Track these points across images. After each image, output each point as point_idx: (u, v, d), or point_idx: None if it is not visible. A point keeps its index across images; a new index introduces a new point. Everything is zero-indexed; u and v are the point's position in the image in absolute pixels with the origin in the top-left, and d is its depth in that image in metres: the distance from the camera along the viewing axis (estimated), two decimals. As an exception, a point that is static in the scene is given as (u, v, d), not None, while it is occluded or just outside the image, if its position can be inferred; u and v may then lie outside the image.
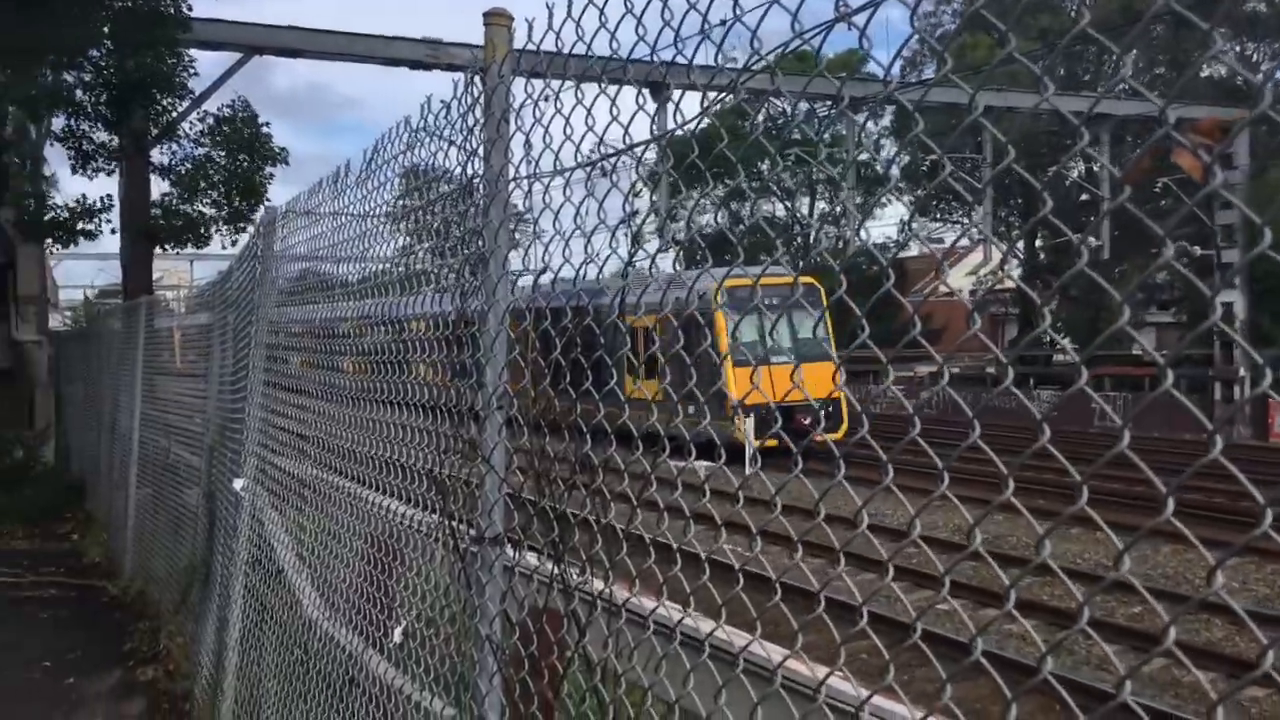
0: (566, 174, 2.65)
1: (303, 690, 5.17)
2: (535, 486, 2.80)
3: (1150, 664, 10.06)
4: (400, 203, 3.85)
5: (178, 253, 22.36)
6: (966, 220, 49.99)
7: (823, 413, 2.28)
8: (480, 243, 3.00)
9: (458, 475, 3.13)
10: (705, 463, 2.82)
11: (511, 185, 2.88)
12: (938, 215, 52.26)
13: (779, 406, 2.32)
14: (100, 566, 13.58)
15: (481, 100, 3.07)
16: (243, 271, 7.78)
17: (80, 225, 17.40)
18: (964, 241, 49.62)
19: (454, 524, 3.13)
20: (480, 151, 3.06)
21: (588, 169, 2.54)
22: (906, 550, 8.24)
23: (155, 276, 28.45)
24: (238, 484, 6.54)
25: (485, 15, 3.05)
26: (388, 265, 4.07)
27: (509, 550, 2.99)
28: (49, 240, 17.75)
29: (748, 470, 2.51)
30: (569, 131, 2.66)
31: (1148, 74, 44.89)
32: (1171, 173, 27.97)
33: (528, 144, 2.77)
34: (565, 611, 2.68)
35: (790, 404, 2.79)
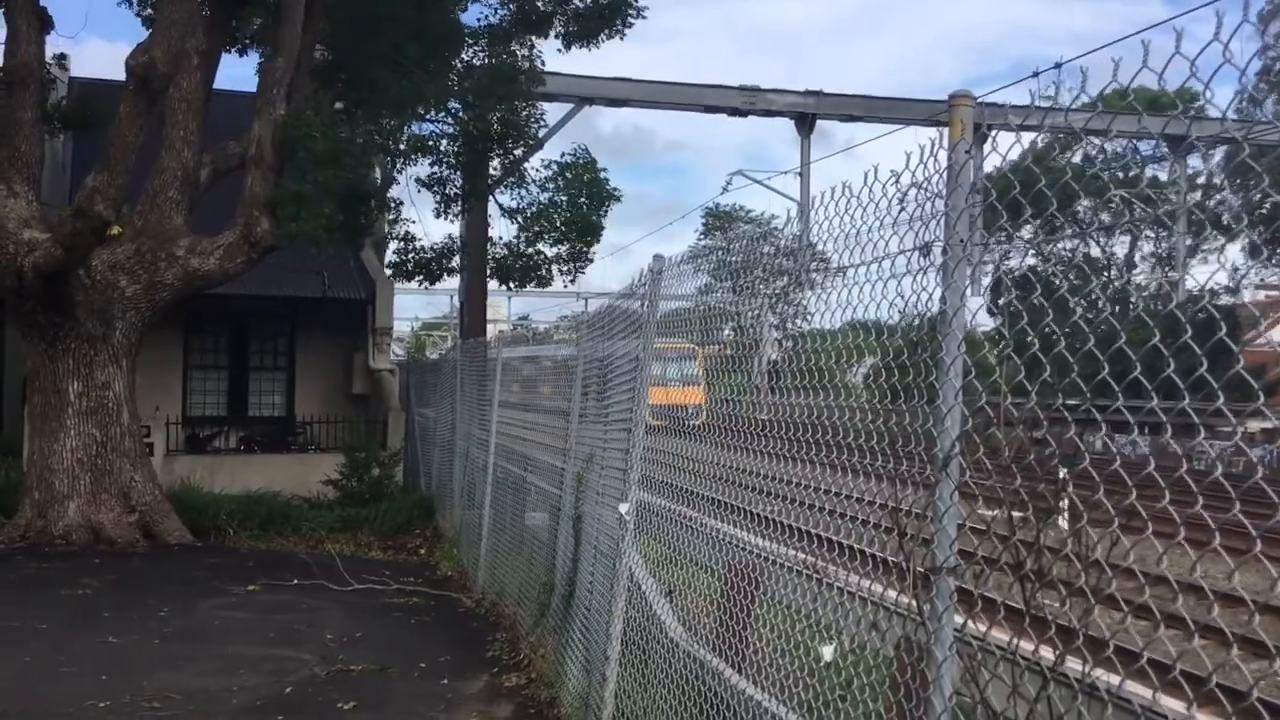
0: (1045, 242, 2.93)
1: (692, 708, 5.61)
2: (1005, 526, 3.08)
3: None
4: (841, 257, 4.22)
5: (509, 289, 23.98)
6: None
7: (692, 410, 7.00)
8: (943, 300, 3.32)
9: (916, 510, 3.46)
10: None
11: (980, 251, 3.19)
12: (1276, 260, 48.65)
13: (671, 407, 7.14)
14: (453, 579, 14.68)
15: (944, 172, 3.40)
16: (615, 315, 8.38)
17: (444, 265, 19.10)
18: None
19: (909, 558, 3.45)
20: (941, 219, 3.40)
21: (1073, 238, 2.80)
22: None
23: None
24: (622, 508, 7.08)
25: (950, 97, 3.39)
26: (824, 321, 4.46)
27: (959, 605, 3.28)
28: (419, 278, 19.48)
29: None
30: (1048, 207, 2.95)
31: None
32: None
33: (1003, 214, 3.07)
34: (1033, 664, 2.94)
35: (676, 405, 6.75)
